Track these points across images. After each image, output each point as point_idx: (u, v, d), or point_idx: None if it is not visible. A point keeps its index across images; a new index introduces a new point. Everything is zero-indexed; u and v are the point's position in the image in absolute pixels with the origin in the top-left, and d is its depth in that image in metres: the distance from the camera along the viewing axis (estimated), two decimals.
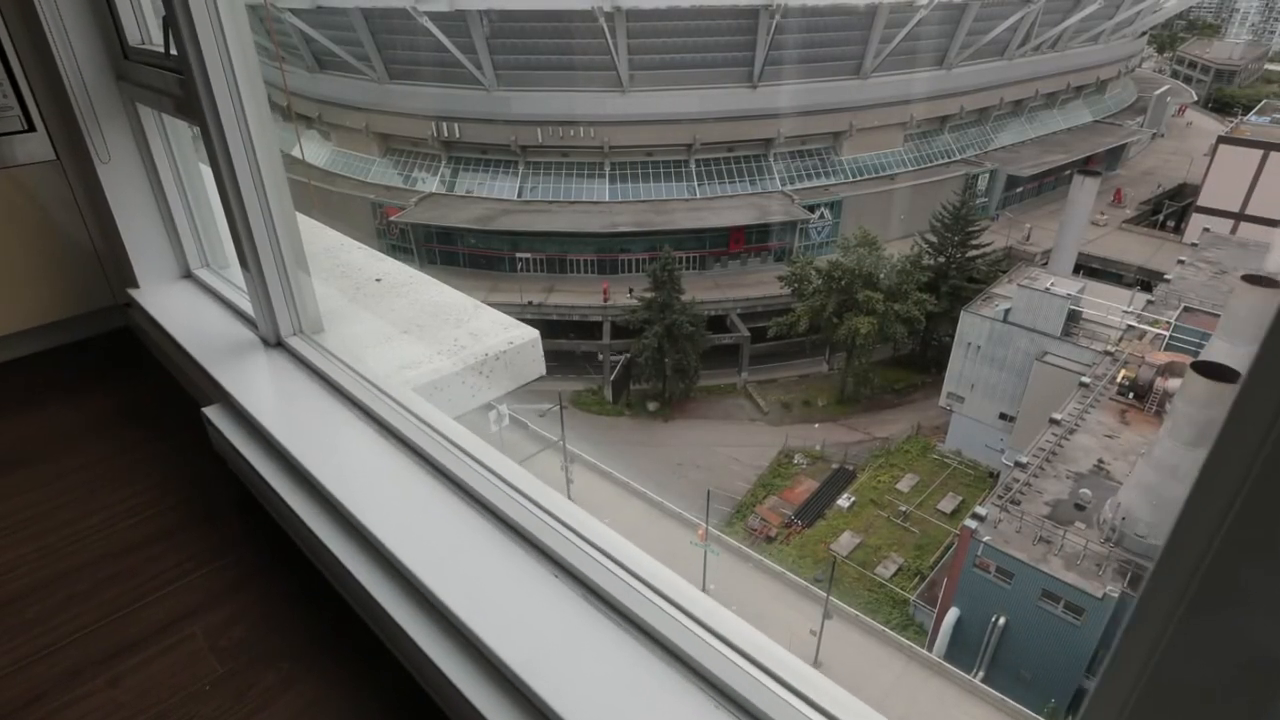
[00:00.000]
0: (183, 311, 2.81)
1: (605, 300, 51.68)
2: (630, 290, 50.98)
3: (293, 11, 54.04)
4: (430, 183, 59.01)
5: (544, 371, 2.47)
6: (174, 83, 2.16)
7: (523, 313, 51.92)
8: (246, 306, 2.53)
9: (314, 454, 1.97)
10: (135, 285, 2.96)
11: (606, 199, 56.61)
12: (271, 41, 63.19)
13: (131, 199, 2.84)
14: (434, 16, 50.11)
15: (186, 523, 2.30)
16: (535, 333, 2.37)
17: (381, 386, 1.99)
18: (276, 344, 2.39)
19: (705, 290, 52.45)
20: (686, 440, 47.07)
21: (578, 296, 52.95)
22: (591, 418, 48.95)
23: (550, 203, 56.76)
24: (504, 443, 36.49)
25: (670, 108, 54.76)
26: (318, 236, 3.06)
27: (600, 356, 51.38)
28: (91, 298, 3.08)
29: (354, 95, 59.73)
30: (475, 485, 1.72)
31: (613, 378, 49.67)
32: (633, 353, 48.12)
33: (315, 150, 66.09)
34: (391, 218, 55.77)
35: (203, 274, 3.03)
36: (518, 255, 55.18)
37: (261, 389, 2.28)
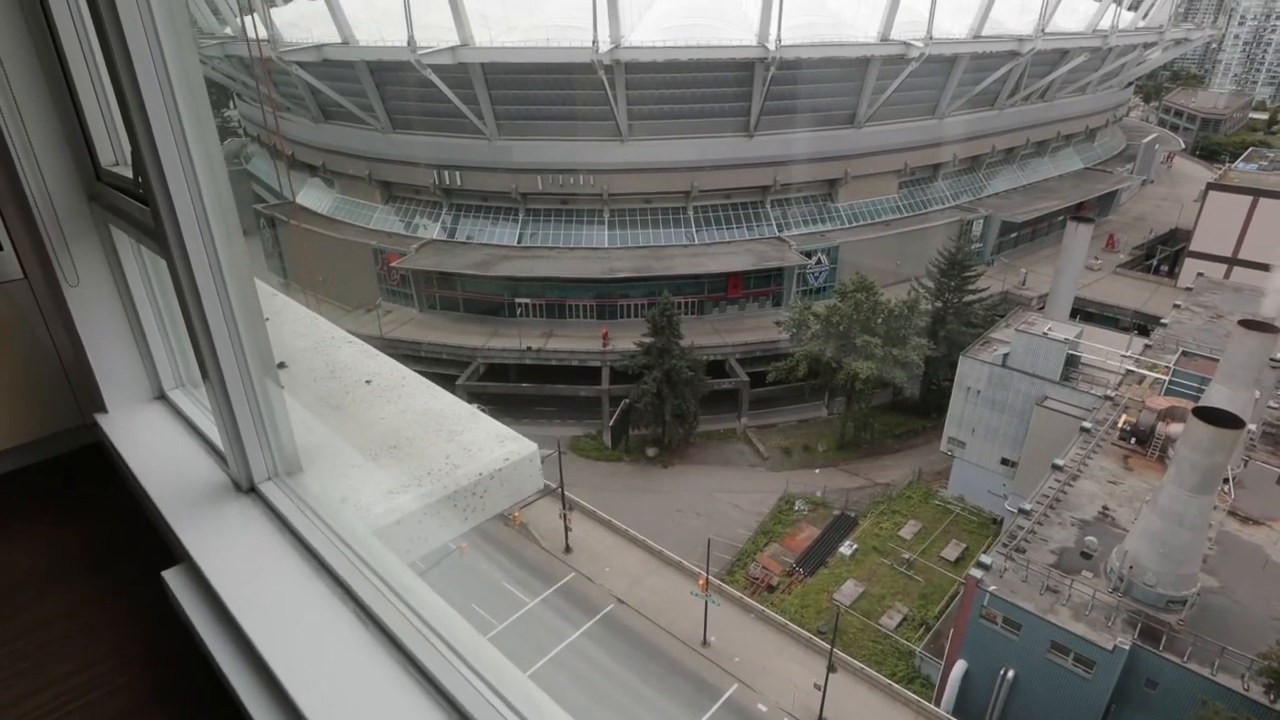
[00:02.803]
0: (150, 445, 2.65)
1: (605, 345, 51.75)
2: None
3: (300, 65, 55.30)
4: (431, 229, 59.65)
5: (541, 486, 2.34)
6: (141, 211, 2.07)
7: (522, 357, 52.12)
8: (220, 438, 2.30)
9: (280, 644, 1.77)
10: (103, 410, 2.83)
11: (606, 245, 57.16)
12: (267, 93, 64.62)
13: (100, 321, 2.74)
14: (437, 69, 51.26)
15: (138, 707, 2.04)
16: (533, 446, 2.22)
17: (363, 555, 1.80)
18: (249, 489, 2.21)
19: (704, 335, 52.58)
20: (686, 486, 46.62)
21: (577, 341, 53.04)
22: (590, 463, 48.56)
23: (550, 248, 57.27)
24: None
25: (668, 156, 55.71)
26: (308, 328, 2.93)
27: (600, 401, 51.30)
28: (59, 418, 2.94)
29: (357, 144, 60.80)
30: (466, 700, 1.54)
31: (612, 423, 49.44)
32: (632, 398, 47.99)
33: (318, 197, 66.99)
34: (392, 264, 56.19)
35: (177, 396, 2.90)
36: (517, 300, 55.44)
37: (228, 552, 2.07)
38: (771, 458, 49.45)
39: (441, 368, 52.51)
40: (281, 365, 2.65)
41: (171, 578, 2.13)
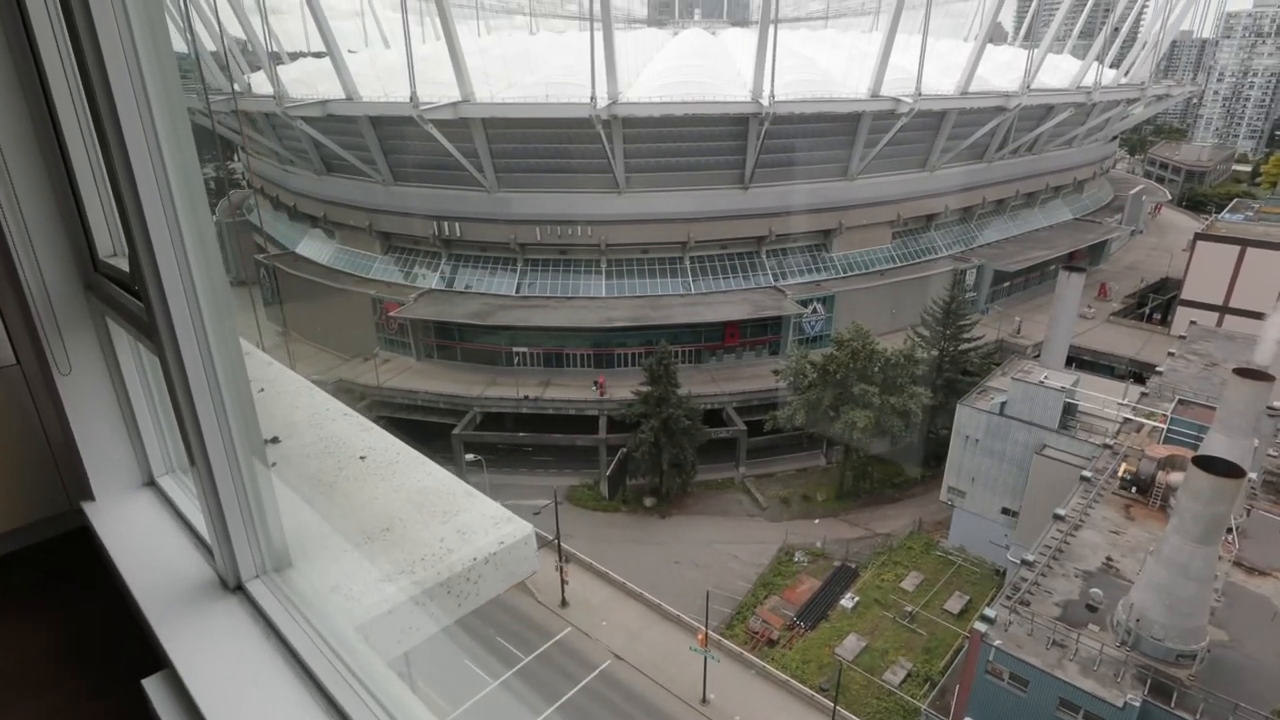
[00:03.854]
0: (136, 536, 2.58)
1: (602, 394, 51.69)
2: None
3: (305, 120, 56.53)
4: (430, 279, 60.15)
5: (537, 568, 2.26)
6: (135, 305, 2.05)
7: (519, 406, 51.97)
8: (207, 530, 2.24)
9: None
10: (90, 498, 2.79)
11: (603, 294, 57.60)
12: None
13: (91, 410, 2.70)
14: (439, 123, 52.43)
15: None
16: (529, 528, 2.16)
17: (348, 662, 1.72)
18: (236, 587, 2.15)
19: (701, 384, 52.58)
20: (684, 537, 45.99)
21: (574, 391, 53.00)
22: (587, 514, 47.99)
23: (548, 298, 57.69)
24: None
25: (665, 207, 56.62)
26: (303, 399, 2.88)
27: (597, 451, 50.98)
28: (45, 505, 2.88)
29: (359, 196, 61.76)
30: None
31: (609, 472, 49.03)
32: (629, 447, 47.70)
33: (318, 248, 67.72)
34: (391, 313, 56.48)
35: (166, 482, 2.84)
36: (515, 349, 55.60)
37: (211, 659, 1.98)
38: (770, 507, 48.94)
39: (438, 416, 52.31)
40: (275, 440, 2.61)
41: (152, 686, 2.05)
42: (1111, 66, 79.03)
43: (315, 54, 68.72)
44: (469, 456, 46.97)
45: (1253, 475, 33.42)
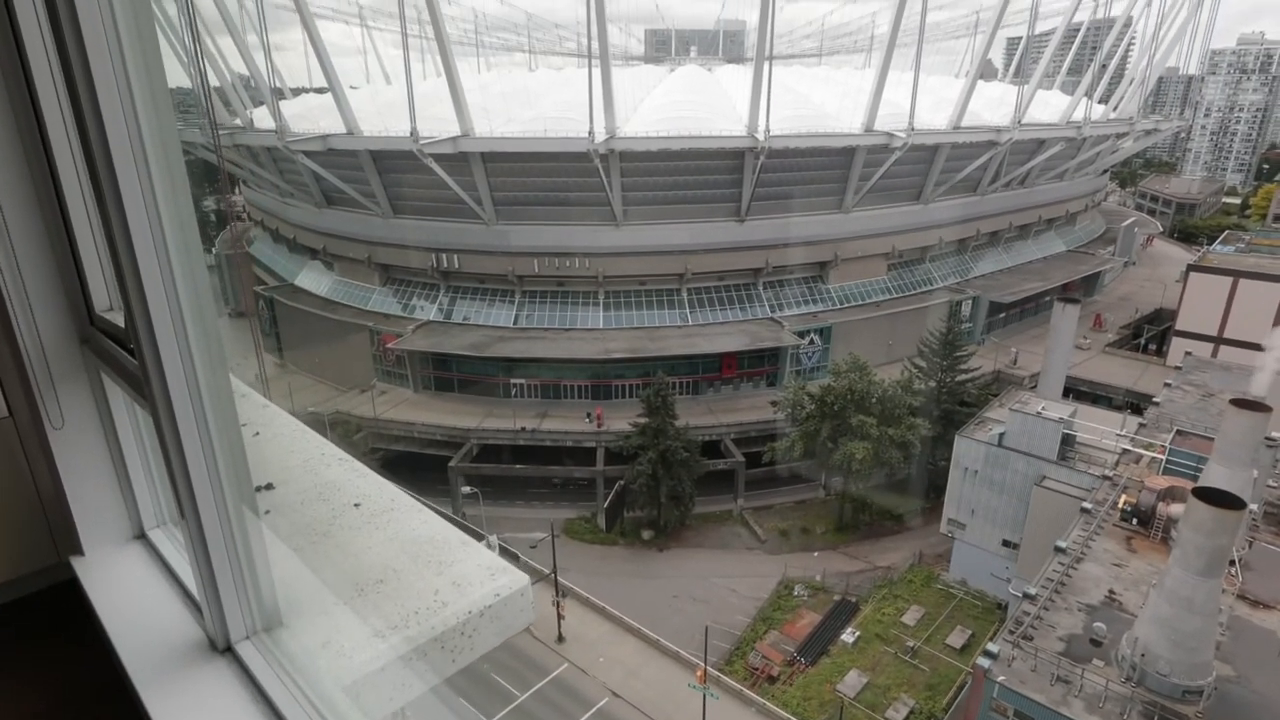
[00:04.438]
0: (125, 593, 2.53)
1: (599, 426, 51.52)
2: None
3: (306, 153, 57.18)
4: (428, 310, 60.32)
5: (533, 620, 2.22)
6: (130, 362, 2.04)
7: (516, 438, 51.75)
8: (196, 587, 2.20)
9: None
10: (79, 552, 2.74)
11: (601, 326, 57.76)
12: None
13: (83, 464, 2.67)
14: (438, 158, 53.04)
15: None
16: (525, 579, 2.12)
17: None
18: (225, 649, 2.08)
19: (699, 415, 52.47)
20: (682, 571, 45.47)
21: (571, 422, 52.83)
22: (585, 547, 47.49)
23: (545, 330, 57.82)
24: None
25: (662, 240, 57.07)
26: (298, 444, 2.85)
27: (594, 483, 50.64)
28: (33, 558, 2.82)
29: (358, 229, 62.22)
30: None
31: (606, 505, 48.63)
32: (627, 479, 47.40)
33: (317, 279, 68.02)
34: (388, 345, 56.53)
35: (157, 535, 2.82)
36: (512, 381, 55.56)
37: None
38: (769, 540, 48.51)
39: (435, 449, 52.05)
40: (269, 487, 2.58)
41: None
42: (1100, 102, 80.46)
43: (317, 89, 69.85)
44: (466, 489, 46.65)
45: (1253, 507, 33.24)
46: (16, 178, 2.28)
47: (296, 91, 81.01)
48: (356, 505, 2.52)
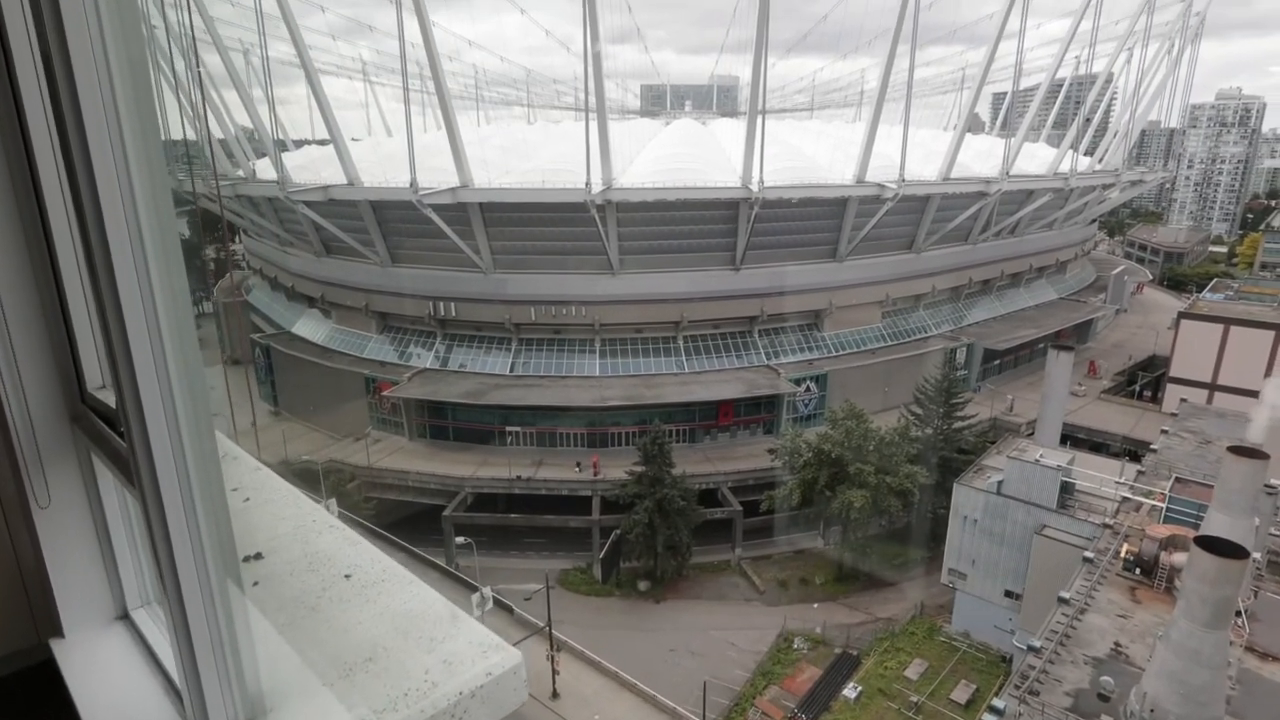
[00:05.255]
0: (104, 680, 2.45)
1: (595, 474, 51.11)
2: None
3: (306, 204, 57.98)
4: (425, 358, 60.39)
5: (525, 698, 2.15)
6: (120, 444, 1.99)
7: (511, 487, 51.23)
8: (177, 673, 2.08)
9: None
10: (59, 634, 2.66)
11: (597, 374, 57.82)
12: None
13: (67, 545, 2.61)
14: (437, 208, 53.80)
15: None
16: (518, 657, 2.06)
17: None
18: None
19: (695, 463, 52.14)
20: (680, 623, 44.54)
21: (568, 470, 52.41)
22: (580, 599, 46.60)
23: (542, 377, 57.83)
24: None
25: (658, 288, 57.57)
26: (289, 509, 2.80)
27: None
28: (13, 639, 2.72)
29: (357, 277, 62.71)
30: None
31: (602, 555, 47.90)
32: (623, 528, 46.79)
33: (314, 327, 68.24)
34: (384, 392, 56.40)
35: (140, 616, 2.74)
36: (508, 429, 55.31)
37: None
38: (768, 591, 47.68)
39: (429, 498, 51.46)
40: (257, 556, 2.54)
41: None
42: (1086, 154, 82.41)
43: (320, 141, 71.26)
44: (459, 539, 45.97)
45: (1257, 555, 32.88)
46: (12, 250, 2.28)
47: (299, 143, 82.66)
48: (347, 576, 2.46)
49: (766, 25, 52.51)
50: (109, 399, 2.22)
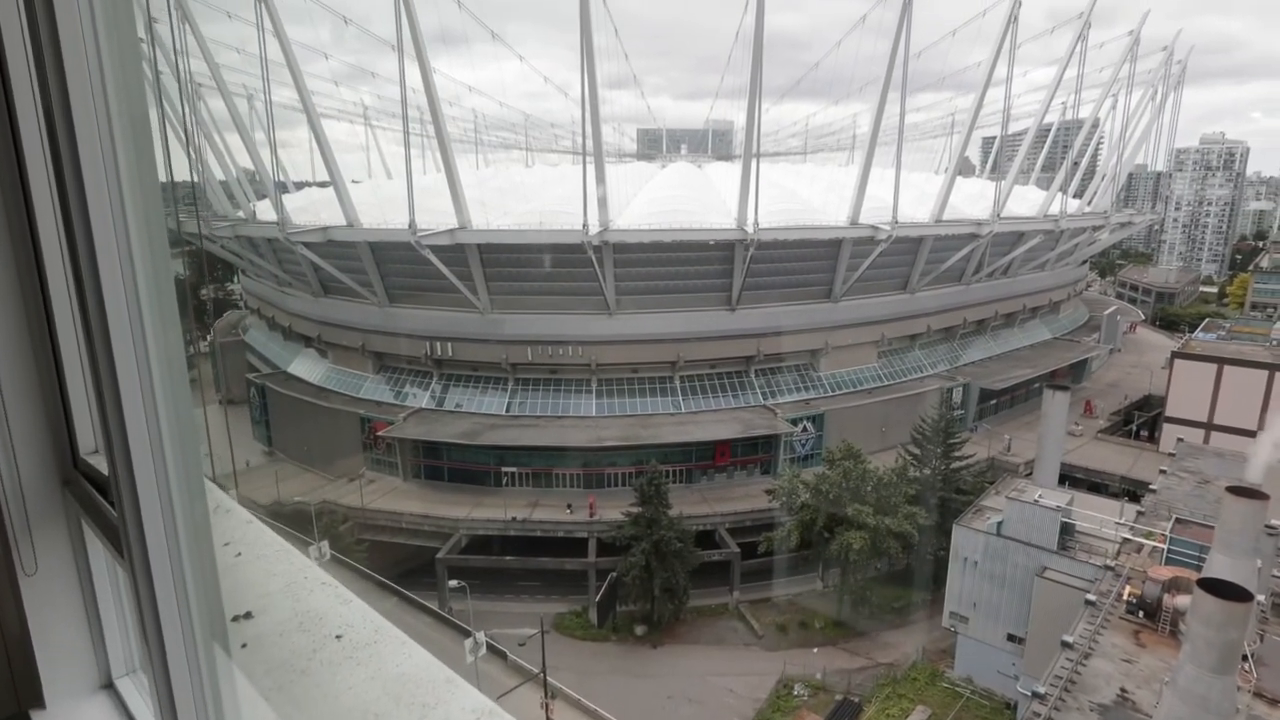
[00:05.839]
0: None
1: (592, 515, 50.59)
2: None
3: (306, 245, 58.41)
4: (421, 398, 60.20)
5: None
6: (111, 513, 1.93)
7: (506, 529, 50.61)
8: None
9: None
10: (40, 704, 2.57)
11: (593, 414, 57.63)
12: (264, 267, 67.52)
13: (53, 614, 2.54)
14: (435, 249, 54.22)
15: None
16: None
17: None
18: None
19: (693, 505, 51.67)
20: (677, 669, 43.60)
21: (563, 511, 51.87)
22: (575, 644, 45.66)
23: (538, 417, 57.62)
24: (480, 675, 33.58)
25: (655, 328, 57.78)
26: (281, 565, 2.73)
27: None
28: None
29: (354, 317, 62.86)
30: None
31: (598, 598, 47.11)
32: (619, 571, 46.12)
33: (310, 367, 68.10)
34: (379, 433, 56.07)
35: (125, 685, 2.65)
36: (503, 469, 54.87)
37: None
38: (766, 636, 46.83)
39: (423, 540, 50.78)
40: (247, 616, 2.48)
41: None
42: (1075, 196, 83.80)
43: (320, 183, 72.08)
44: (453, 583, 45.21)
45: (1260, 598, 32.47)
46: (9, 307, 2.26)
47: (300, 185, 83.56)
48: (338, 637, 2.39)
49: (760, 72, 53.80)
50: (101, 465, 2.17)
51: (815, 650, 45.40)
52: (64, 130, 1.51)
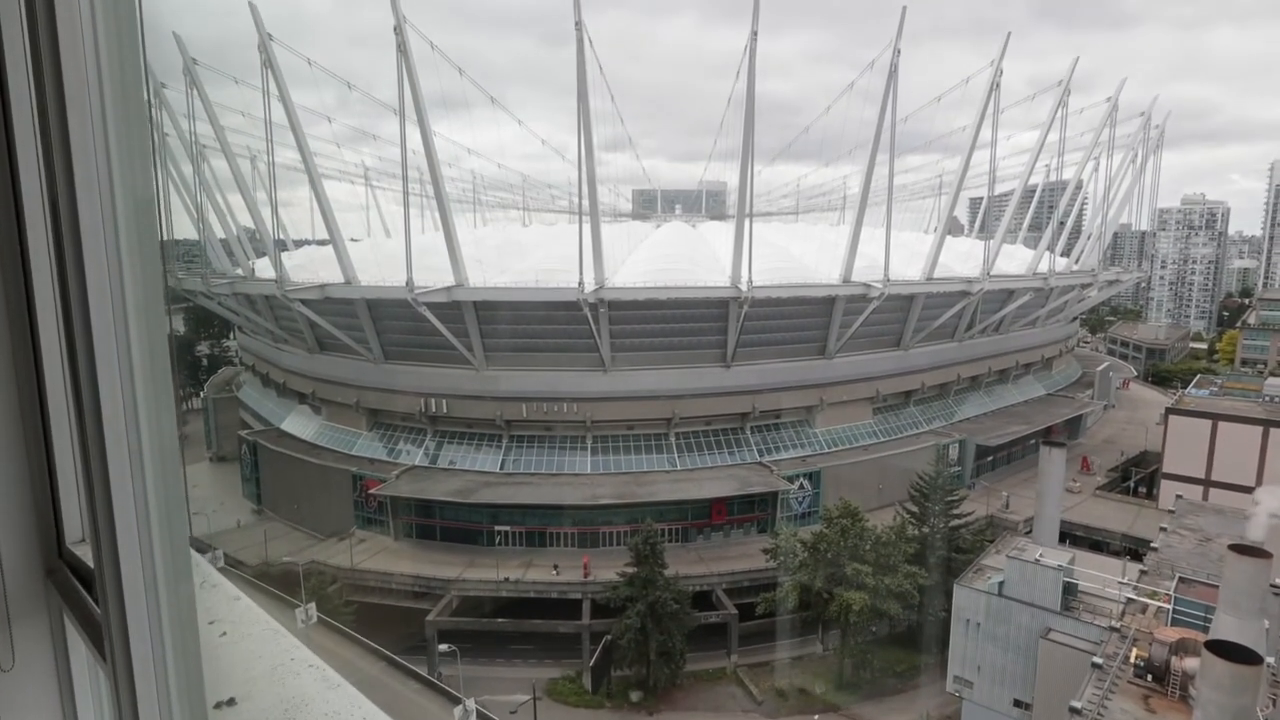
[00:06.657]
0: None
1: (586, 576, 49.56)
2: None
3: (303, 301, 58.72)
4: (414, 455, 59.64)
5: None
6: (95, 610, 1.83)
7: (498, 589, 49.47)
8: None
9: None
10: None
11: (588, 471, 57.11)
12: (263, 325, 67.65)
13: (28, 715, 2.40)
14: (432, 306, 54.56)
15: None
16: None
17: None
18: None
19: (689, 564, 50.75)
20: None
21: (556, 572, 50.80)
22: (569, 711, 44.16)
23: (532, 475, 57.03)
24: None
25: (650, 385, 57.80)
26: (268, 645, 2.63)
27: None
28: None
29: (349, 374, 62.74)
30: None
31: (593, 662, 45.75)
32: (614, 634, 44.93)
33: (303, 424, 67.60)
34: (371, 490, 55.33)
35: None
36: (496, 528, 54.00)
37: None
38: (766, 701, 45.37)
39: (412, 601, 49.56)
40: (230, 703, 2.38)
41: None
42: (1062, 255, 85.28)
43: (320, 241, 72.94)
44: (443, 647, 43.92)
45: (1270, 660, 31.72)
46: (2, 390, 2.22)
47: (300, 243, 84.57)
48: None
49: (752, 134, 55.35)
50: (86, 555, 2.09)
51: (816, 717, 43.98)
52: (65, 199, 1.51)
